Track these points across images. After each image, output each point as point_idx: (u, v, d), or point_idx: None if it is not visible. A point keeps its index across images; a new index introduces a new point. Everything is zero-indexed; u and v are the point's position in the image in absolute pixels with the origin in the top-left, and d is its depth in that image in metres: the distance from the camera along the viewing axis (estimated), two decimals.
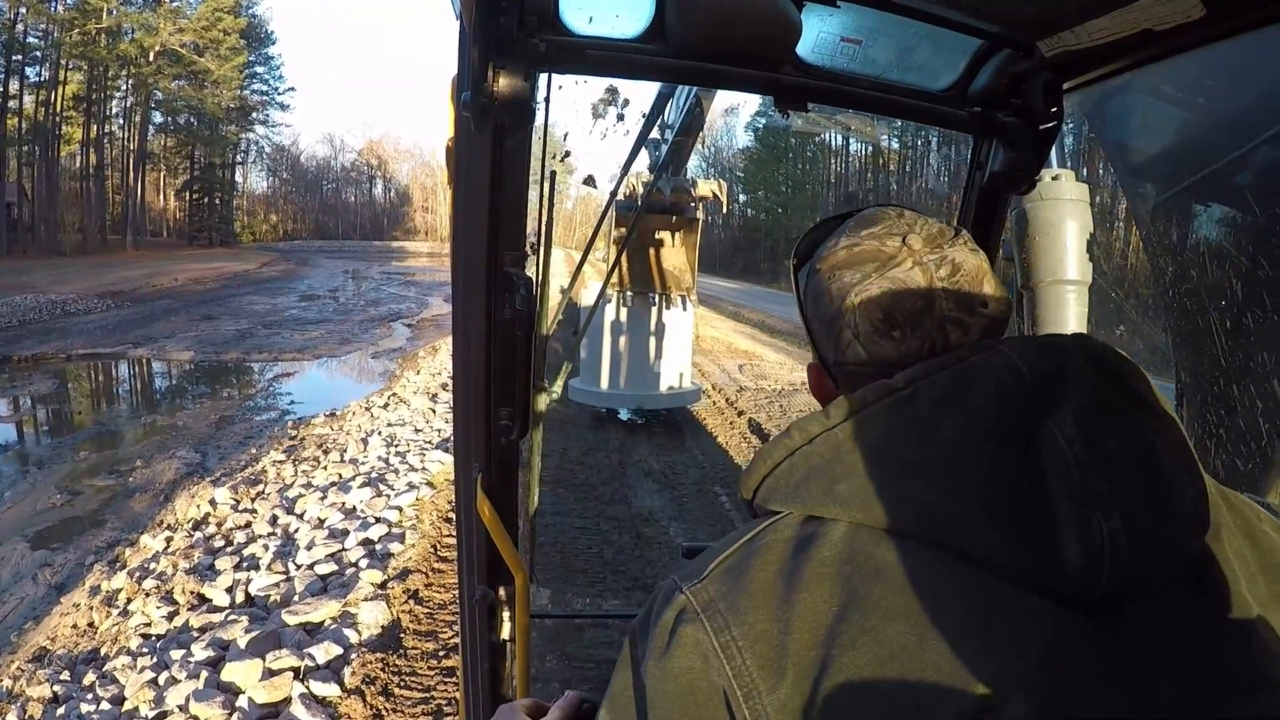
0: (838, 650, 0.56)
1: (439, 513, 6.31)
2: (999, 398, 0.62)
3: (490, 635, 1.35)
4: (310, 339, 18.01)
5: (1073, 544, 0.56)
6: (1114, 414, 0.62)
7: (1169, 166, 1.46)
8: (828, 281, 0.76)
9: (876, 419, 0.65)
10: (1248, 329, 1.33)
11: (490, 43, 1.04)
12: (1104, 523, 0.57)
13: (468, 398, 1.27)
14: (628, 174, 1.95)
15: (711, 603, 0.62)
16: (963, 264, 0.73)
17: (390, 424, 9.33)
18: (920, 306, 0.71)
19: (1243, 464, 1.41)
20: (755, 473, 0.70)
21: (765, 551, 0.64)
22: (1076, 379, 0.63)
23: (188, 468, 8.18)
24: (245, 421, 10.57)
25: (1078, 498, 0.58)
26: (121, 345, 16.05)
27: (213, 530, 6.12)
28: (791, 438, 0.69)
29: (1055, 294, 1.65)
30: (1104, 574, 0.56)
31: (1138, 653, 0.57)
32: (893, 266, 0.72)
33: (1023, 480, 0.59)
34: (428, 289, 32.51)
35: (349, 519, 6.13)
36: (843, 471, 0.64)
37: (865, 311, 0.72)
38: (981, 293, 0.72)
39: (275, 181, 77.15)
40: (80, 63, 41.68)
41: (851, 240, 0.76)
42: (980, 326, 0.72)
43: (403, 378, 13.11)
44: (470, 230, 1.21)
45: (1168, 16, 1.11)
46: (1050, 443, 0.60)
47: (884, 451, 0.63)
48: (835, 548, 0.61)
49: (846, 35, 1.29)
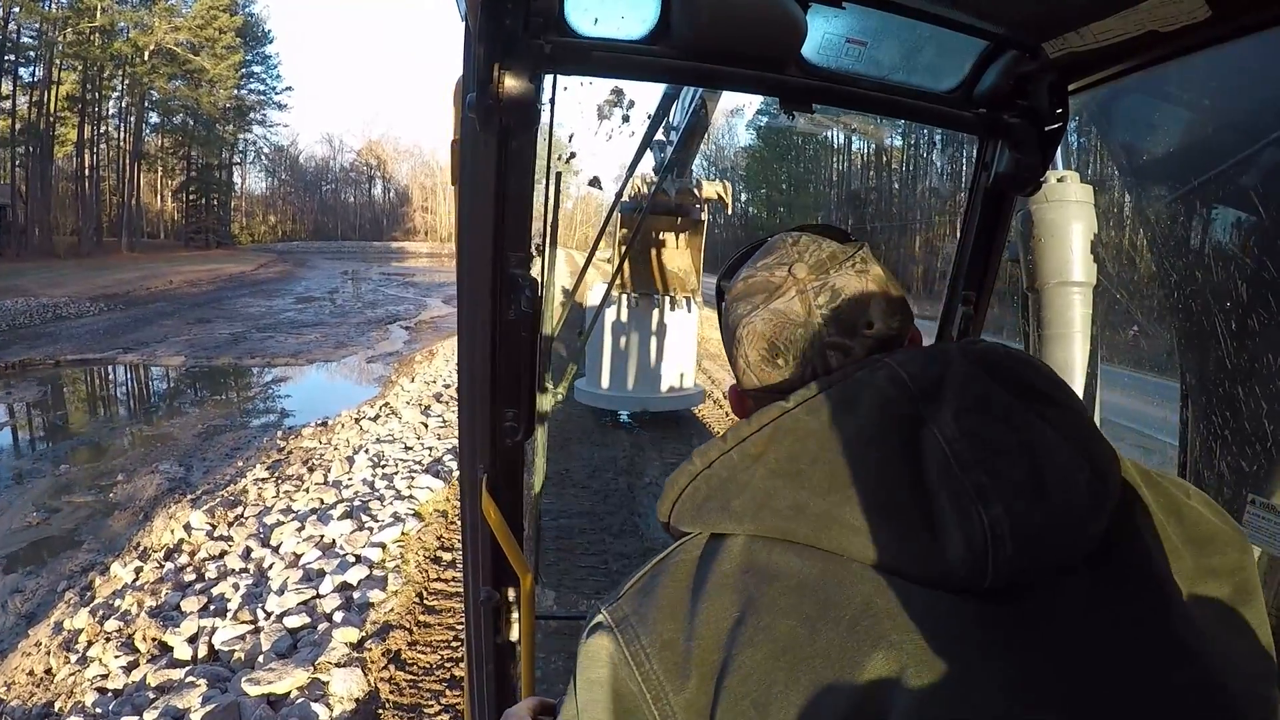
0: (736, 650, 0.60)
1: (426, 552, 5.81)
2: (882, 407, 0.66)
3: (496, 636, 1.35)
4: (305, 343, 17.97)
5: (956, 537, 0.59)
6: (996, 410, 0.65)
7: (1175, 168, 1.46)
8: (728, 313, 0.82)
9: (766, 438, 0.69)
10: (1253, 331, 1.33)
11: (495, 44, 1.04)
12: (984, 513, 0.59)
13: (473, 398, 1.26)
14: (633, 175, 1.95)
15: (625, 618, 0.68)
16: (844, 289, 0.76)
17: (379, 439, 8.99)
18: (800, 335, 0.75)
19: (1248, 465, 1.41)
20: (666, 499, 0.74)
21: (674, 570, 0.69)
22: (958, 381, 0.67)
23: (170, 483, 8.00)
24: (233, 432, 10.38)
25: (958, 492, 0.61)
26: (112, 350, 15.93)
27: (185, 560, 5.80)
28: (694, 464, 0.73)
29: (1061, 295, 1.65)
30: (989, 564, 0.58)
31: (1037, 636, 0.59)
32: (777, 297, 0.77)
33: (907, 481, 0.62)
34: (426, 290, 32.42)
35: (326, 556, 5.65)
36: (736, 490, 0.68)
37: (752, 342, 0.78)
38: (866, 315, 0.75)
39: (274, 182, 76.99)
40: (74, 62, 41.51)
41: (749, 272, 0.81)
42: (864, 348, 0.75)
43: (397, 385, 12.89)
44: (475, 231, 1.21)
45: (1173, 18, 1.11)
46: (931, 443, 0.63)
47: (773, 467, 0.67)
48: (734, 560, 0.65)
49: (852, 36, 1.29)
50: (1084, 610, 0.61)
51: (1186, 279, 1.43)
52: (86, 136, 44.34)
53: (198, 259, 42.49)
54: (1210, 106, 1.33)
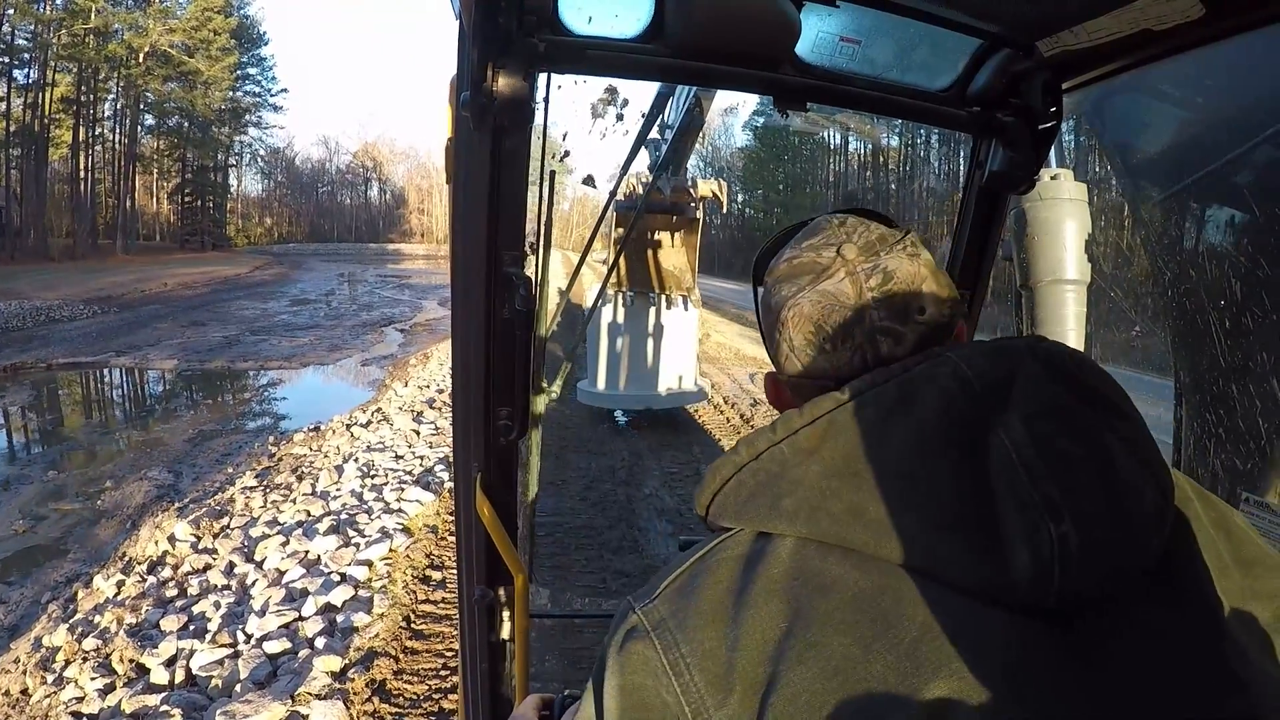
0: (784, 666, 0.57)
1: (414, 570, 5.46)
2: (945, 407, 0.62)
3: (489, 635, 1.34)
4: (299, 346, 17.75)
5: (1022, 553, 0.56)
6: (1066, 416, 0.61)
7: (1168, 166, 1.46)
8: (770, 295, 0.78)
9: (821, 432, 0.65)
10: (1247, 328, 1.33)
11: (489, 42, 1.04)
12: (1054, 529, 0.56)
13: (467, 397, 1.26)
14: (627, 174, 1.95)
15: (662, 621, 0.64)
16: (896, 271, 0.72)
17: (370, 447, 8.71)
18: (850, 318, 0.71)
19: (1242, 463, 1.42)
20: (706, 490, 0.70)
21: (715, 570, 0.65)
22: (1025, 383, 0.63)
23: (159, 490, 7.86)
24: (224, 437, 10.22)
25: (1026, 504, 0.57)
26: (104, 354, 15.74)
27: (167, 574, 5.62)
28: (739, 454, 0.69)
29: (1054, 293, 1.65)
30: (1055, 582, 0.56)
31: (1099, 660, 0.56)
32: (825, 278, 0.73)
33: (970, 489, 0.59)
34: (422, 292, 32.30)
35: (310, 574, 5.38)
36: (788, 487, 0.64)
37: (797, 325, 0.73)
38: (919, 301, 0.72)
39: (270, 184, 76.90)
40: (69, 64, 41.39)
41: (793, 253, 0.77)
42: (916, 335, 0.71)
43: (390, 389, 12.67)
44: (469, 230, 1.21)
45: (1167, 16, 1.11)
46: (999, 449, 0.59)
47: (828, 465, 0.63)
48: (783, 564, 0.62)
49: (846, 35, 1.29)
50: (1143, 633, 0.58)
51: (1180, 277, 1.43)
52: (81, 139, 44.22)
53: (193, 261, 42.29)
54: (1204, 105, 1.33)
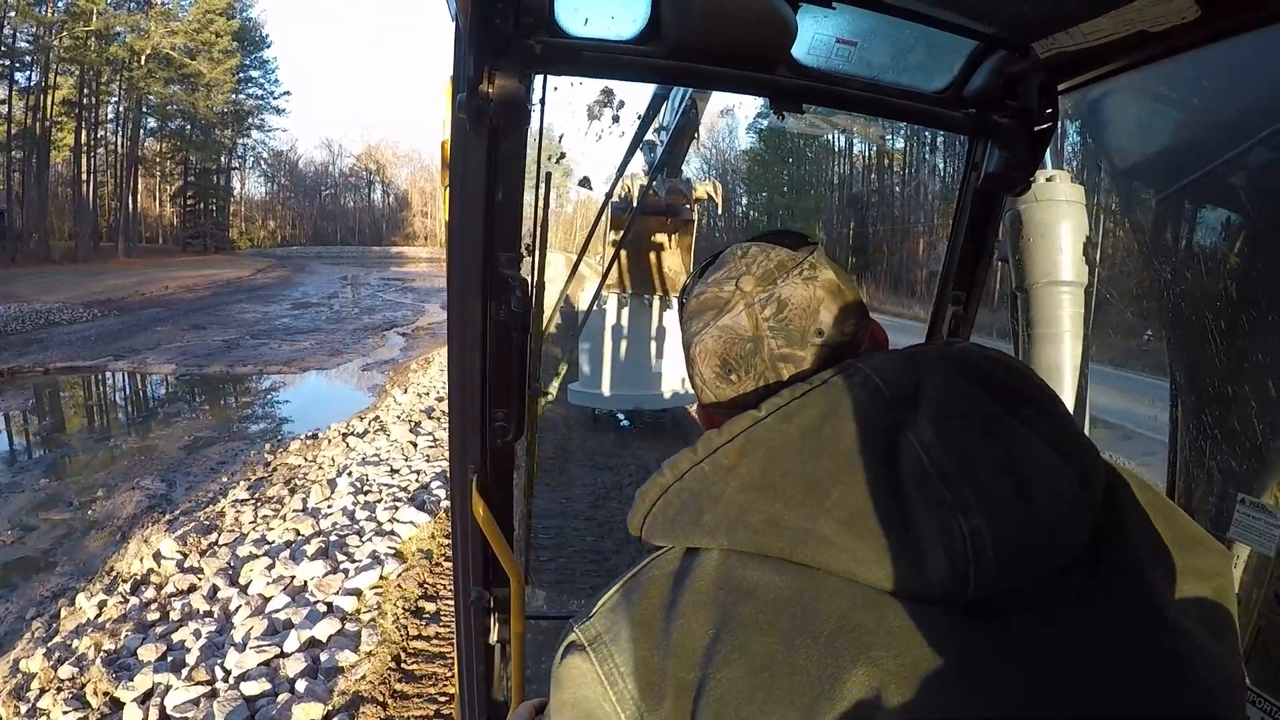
0: (712, 669, 0.59)
1: (406, 602, 5.11)
2: (856, 414, 0.64)
3: (486, 637, 1.34)
4: (299, 350, 17.63)
5: (934, 549, 0.58)
6: (976, 416, 0.63)
7: (1164, 167, 1.46)
8: (684, 332, 0.82)
9: (739, 449, 0.67)
10: (1242, 329, 1.33)
11: (485, 44, 1.04)
12: (965, 525, 0.58)
13: (463, 399, 1.26)
14: (623, 175, 1.95)
15: (597, 637, 0.67)
16: (790, 299, 0.74)
17: (365, 459, 8.49)
18: (749, 349, 0.74)
19: (1237, 464, 1.41)
20: (637, 513, 0.73)
21: (647, 586, 0.67)
22: (936, 387, 0.65)
23: (150, 500, 7.74)
24: (219, 444, 10.07)
25: (937, 503, 0.59)
26: (102, 358, 15.61)
27: (150, 595, 5.42)
28: (664, 475, 0.71)
29: (1050, 295, 1.65)
30: (971, 577, 0.57)
31: (1028, 650, 0.57)
32: (725, 313, 0.76)
33: (883, 493, 0.61)
34: (425, 295, 32.18)
35: (295, 604, 5.11)
36: (709, 503, 0.66)
37: (705, 360, 0.77)
38: (815, 324, 0.74)
39: (273, 187, 76.92)
40: (71, 67, 41.40)
41: (700, 289, 0.80)
42: (815, 357, 0.74)
43: (389, 396, 12.57)
44: (465, 232, 1.21)
45: (1162, 18, 1.12)
46: (908, 452, 0.61)
47: (746, 479, 0.65)
48: (709, 576, 0.64)
49: (842, 37, 1.29)
50: (1076, 621, 0.59)
51: (1176, 278, 1.43)
52: (83, 142, 44.24)
53: (194, 264, 42.15)
54: (1200, 106, 1.33)
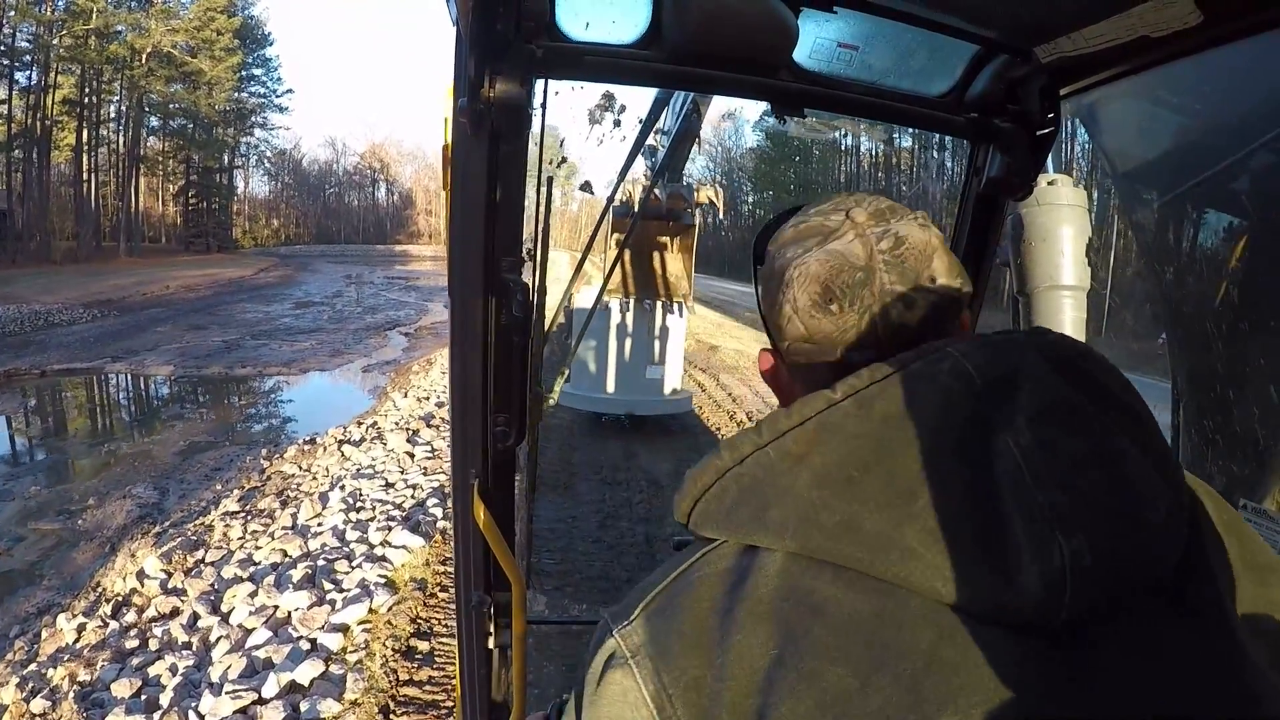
0: (775, 698, 0.53)
1: (396, 640, 4.58)
2: (946, 407, 0.57)
3: (487, 641, 1.34)
4: (299, 351, 17.27)
5: (1030, 568, 0.52)
6: (1074, 417, 0.57)
7: (1166, 172, 1.46)
8: (773, 260, 0.74)
9: (811, 436, 0.59)
10: (1244, 333, 1.33)
11: (486, 48, 1.04)
12: (1065, 542, 0.52)
13: (464, 403, 1.26)
14: (624, 180, 1.95)
15: (641, 647, 0.59)
16: (908, 237, 0.68)
17: (359, 470, 7.99)
18: (859, 279, 0.67)
19: (1239, 469, 1.41)
20: (686, 496, 0.65)
21: (698, 588, 0.60)
22: (1032, 381, 0.58)
23: (141, 510, 7.47)
24: (215, 450, 9.79)
25: (1035, 515, 0.53)
26: (100, 359, 15.33)
27: (131, 619, 5.13)
28: (721, 458, 0.63)
29: (1052, 300, 1.64)
30: (1066, 599, 0.52)
31: (1111, 681, 0.52)
32: (835, 239, 0.69)
33: (975, 499, 0.54)
34: (429, 294, 31.99)
35: (277, 639, 4.67)
36: (775, 496, 0.59)
37: (803, 284, 0.69)
38: (930, 269, 0.68)
39: (276, 186, 76.96)
40: (71, 66, 41.29)
41: (799, 219, 0.74)
42: (927, 303, 0.67)
43: (389, 400, 12.18)
44: (467, 236, 1.21)
45: (1164, 22, 1.11)
46: (1004, 455, 0.55)
47: (819, 472, 0.58)
48: (771, 583, 0.57)
49: (843, 41, 1.29)
50: (1154, 648, 0.54)
51: (1178, 282, 1.43)
52: (84, 141, 44.21)
53: (197, 264, 41.97)
54: (1201, 111, 1.33)
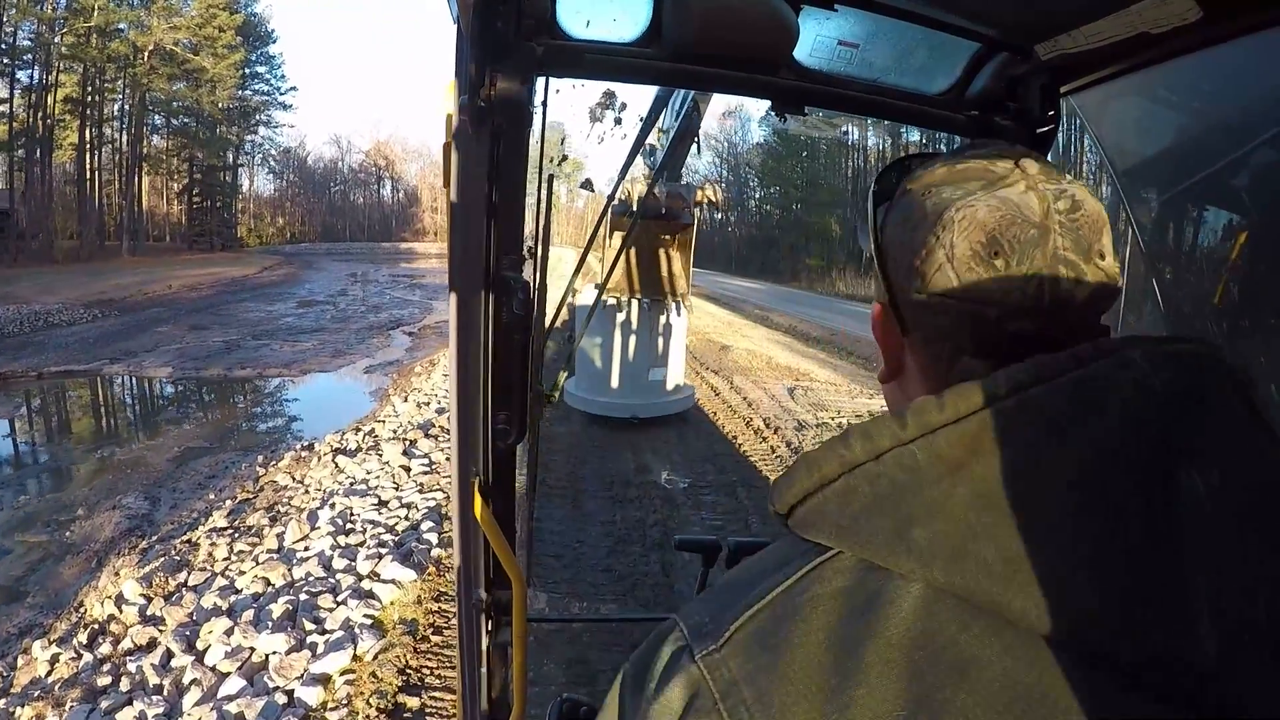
0: None
1: (383, 696, 4.02)
2: (1132, 425, 0.48)
3: (487, 639, 1.35)
4: (301, 352, 16.93)
5: (1209, 635, 0.43)
6: (1259, 454, 0.49)
7: (1166, 170, 1.46)
8: (921, 198, 0.63)
9: (970, 440, 0.49)
10: (1245, 332, 1.33)
11: (488, 47, 1.05)
12: (1248, 607, 0.43)
13: (465, 401, 1.26)
14: (624, 178, 1.95)
15: (734, 686, 0.49)
16: (1084, 202, 0.60)
17: (353, 485, 7.41)
18: (1033, 236, 0.58)
19: None
20: (795, 484, 0.55)
21: (809, 611, 0.49)
22: (1219, 405, 0.49)
23: (131, 522, 7.21)
24: (210, 456, 9.48)
25: (1223, 570, 0.44)
26: (98, 361, 15.10)
27: (106, 650, 4.79)
28: (851, 448, 0.52)
29: None
30: (1238, 670, 0.43)
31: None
32: (1004, 186, 0.60)
33: (1156, 543, 0.45)
34: (434, 292, 31.70)
35: (251, 689, 4.20)
36: (922, 511, 0.48)
37: (965, 229, 0.59)
38: (1100, 243, 0.60)
39: (282, 184, 76.97)
40: (73, 64, 41.17)
41: (953, 161, 0.64)
42: (1095, 283, 0.59)
43: (390, 404, 11.67)
44: (467, 234, 1.21)
45: (1164, 20, 1.11)
46: (1192, 494, 0.46)
47: (980, 490, 0.48)
48: (905, 623, 0.46)
49: (844, 39, 1.29)
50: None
51: (1178, 281, 1.43)
52: (87, 139, 44.14)
53: (199, 262, 41.69)
54: (1201, 108, 1.33)
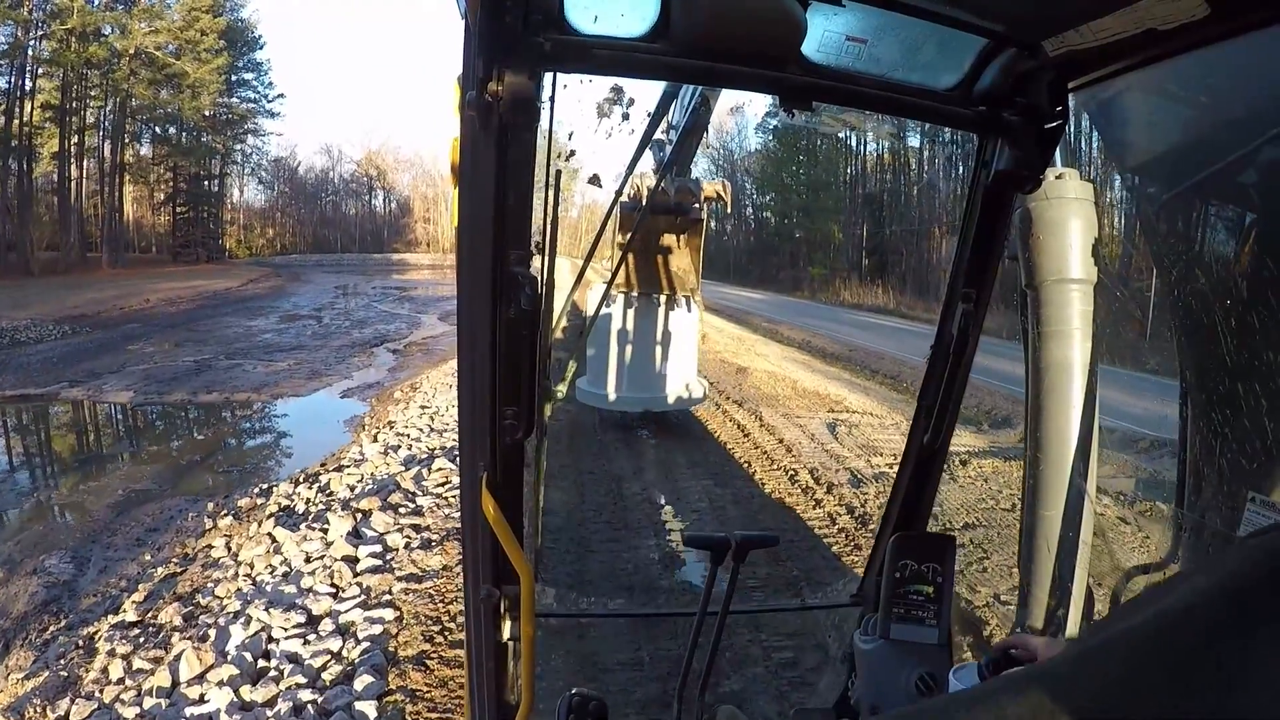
0: None
1: None
2: None
3: (495, 635, 1.33)
4: (274, 373, 15.98)
5: None
6: None
7: (1173, 165, 1.47)
8: None
9: None
10: (1252, 327, 1.34)
11: (495, 42, 1.04)
12: None
13: (473, 397, 1.25)
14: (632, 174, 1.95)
15: None
16: None
17: (283, 581, 5.70)
18: None
19: (1248, 463, 1.41)
20: None
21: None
22: None
23: (49, 592, 6.19)
24: (154, 503, 8.50)
25: None
26: (58, 384, 14.29)
27: None
28: None
29: (1060, 293, 1.65)
30: None
31: None
32: None
33: None
34: (423, 305, 31.18)
35: None
36: None
37: None
38: None
39: (272, 194, 76.37)
40: (54, 70, 40.17)
41: None
42: None
43: (358, 442, 10.39)
44: (475, 230, 1.20)
45: (1171, 16, 1.12)
46: None
47: None
48: None
49: (852, 34, 1.29)
50: None
51: (1185, 276, 1.43)
52: (67, 147, 43.22)
53: (182, 275, 40.66)
54: (1209, 104, 1.34)
